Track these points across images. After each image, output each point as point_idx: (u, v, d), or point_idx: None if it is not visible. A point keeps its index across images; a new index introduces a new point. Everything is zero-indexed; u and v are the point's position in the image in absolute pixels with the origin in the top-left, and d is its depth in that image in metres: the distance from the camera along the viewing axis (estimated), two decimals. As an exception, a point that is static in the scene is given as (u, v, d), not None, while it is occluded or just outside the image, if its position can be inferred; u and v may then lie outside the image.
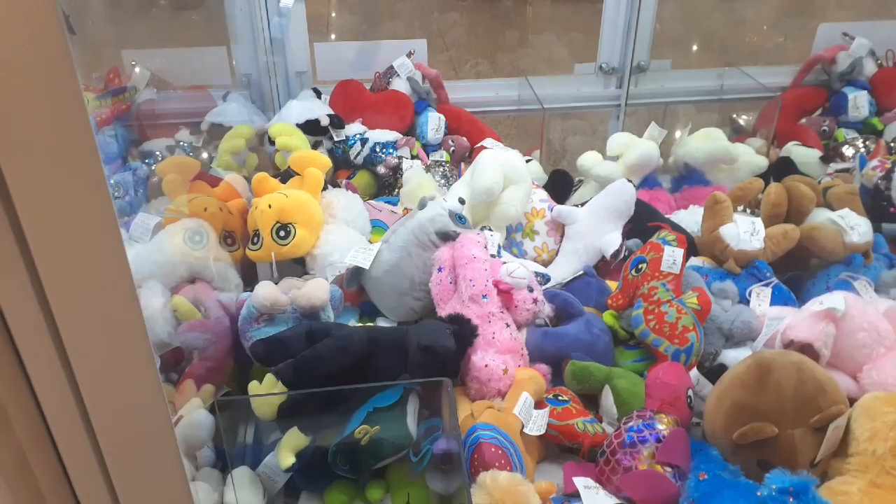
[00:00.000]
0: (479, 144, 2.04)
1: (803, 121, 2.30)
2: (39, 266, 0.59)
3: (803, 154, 2.09)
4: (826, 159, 2.09)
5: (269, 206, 1.49)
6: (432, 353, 1.15)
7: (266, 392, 1.18)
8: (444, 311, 1.35)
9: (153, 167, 1.79)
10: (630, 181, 1.68)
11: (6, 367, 0.62)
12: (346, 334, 1.19)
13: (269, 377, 1.19)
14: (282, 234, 1.49)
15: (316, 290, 1.34)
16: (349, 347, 1.16)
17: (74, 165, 0.57)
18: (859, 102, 2.22)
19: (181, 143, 1.94)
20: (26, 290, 0.60)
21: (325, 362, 1.16)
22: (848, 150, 2.12)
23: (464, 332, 1.21)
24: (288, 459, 1.15)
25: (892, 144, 2.07)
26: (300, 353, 1.17)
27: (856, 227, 1.52)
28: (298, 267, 1.58)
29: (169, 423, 0.71)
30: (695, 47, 2.72)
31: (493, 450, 1.10)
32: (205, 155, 1.94)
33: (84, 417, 0.67)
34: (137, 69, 2.05)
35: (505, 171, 1.63)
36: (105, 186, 0.59)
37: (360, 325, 1.42)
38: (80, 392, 0.65)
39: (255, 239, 1.51)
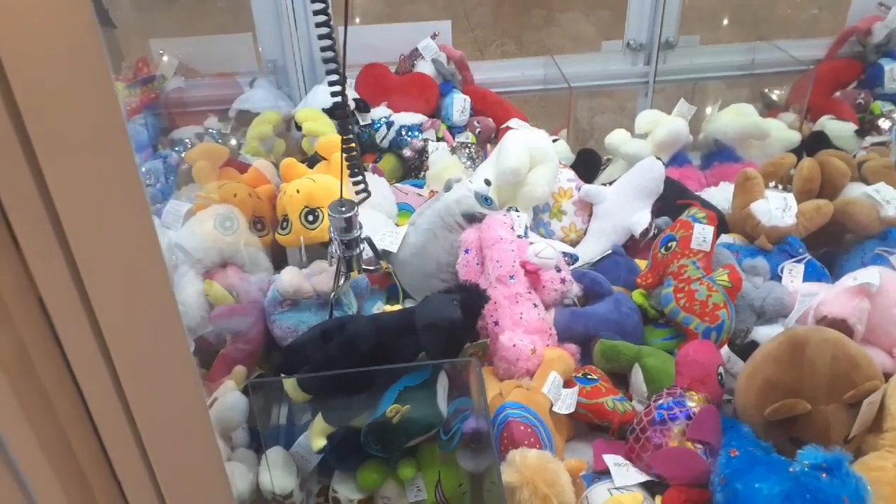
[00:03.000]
0: (504, 125, 2.03)
1: (838, 94, 2.25)
2: (77, 256, 0.61)
3: (838, 128, 2.05)
4: (861, 133, 2.05)
5: (298, 192, 1.50)
6: (437, 328, 1.15)
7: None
8: (471, 292, 1.35)
9: (183, 155, 1.82)
10: (659, 159, 1.66)
11: (50, 356, 0.64)
12: (352, 331, 1.20)
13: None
14: (310, 218, 1.50)
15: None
16: (357, 343, 1.18)
17: (108, 156, 0.58)
18: (896, 74, 2.16)
19: (210, 131, 1.96)
20: (65, 279, 0.61)
21: (339, 362, 1.17)
22: (884, 123, 2.07)
23: (471, 298, 1.20)
24: (319, 442, 1.17)
25: (930, 116, 2.01)
26: (313, 360, 1.19)
27: (892, 201, 1.49)
28: (327, 250, 1.59)
29: (203, 405, 0.73)
30: (724, 22, 2.67)
31: (522, 428, 1.11)
32: (233, 141, 1.96)
33: (122, 401, 0.69)
34: (165, 58, 2.07)
35: (531, 151, 1.62)
36: (137, 175, 0.60)
37: (380, 311, 1.43)
38: (119, 377, 0.67)
39: (285, 224, 1.53)
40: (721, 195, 1.74)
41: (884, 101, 2.15)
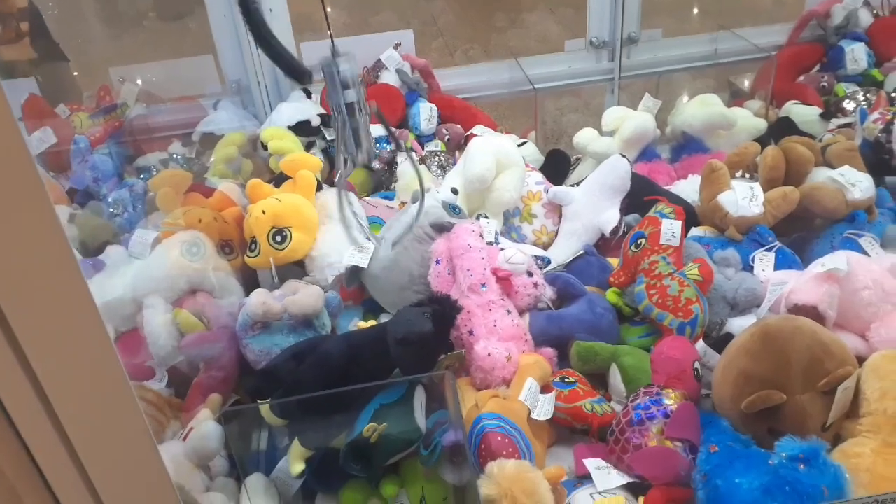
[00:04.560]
0: (469, 132, 2.02)
1: (801, 78, 2.26)
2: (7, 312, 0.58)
3: (803, 113, 2.06)
4: (827, 115, 2.06)
5: (264, 213, 1.49)
6: (409, 342, 1.14)
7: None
8: (444, 302, 1.34)
9: (148, 182, 1.80)
10: (625, 156, 1.67)
11: None
12: (322, 352, 1.20)
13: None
14: (278, 238, 1.49)
15: (308, 298, 1.35)
16: (328, 363, 1.17)
17: (26, 209, 0.56)
18: (857, 55, 2.18)
19: (174, 156, 1.94)
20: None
21: (312, 383, 1.16)
22: (849, 105, 2.07)
23: (444, 309, 1.20)
24: (298, 466, 1.16)
25: (893, 95, 2.02)
26: (286, 383, 1.18)
27: (857, 184, 1.50)
28: (299, 270, 1.58)
29: (155, 450, 0.71)
30: (686, 13, 2.68)
31: (499, 439, 1.10)
32: (199, 165, 1.94)
33: (70, 451, 0.67)
34: (126, 85, 2.06)
35: (497, 156, 1.62)
36: (58, 223, 0.58)
37: (356, 327, 1.42)
38: (65, 430, 0.65)
39: (253, 246, 1.51)
40: (691, 188, 1.74)
41: (847, 83, 2.17)
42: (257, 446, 1.32)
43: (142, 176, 1.86)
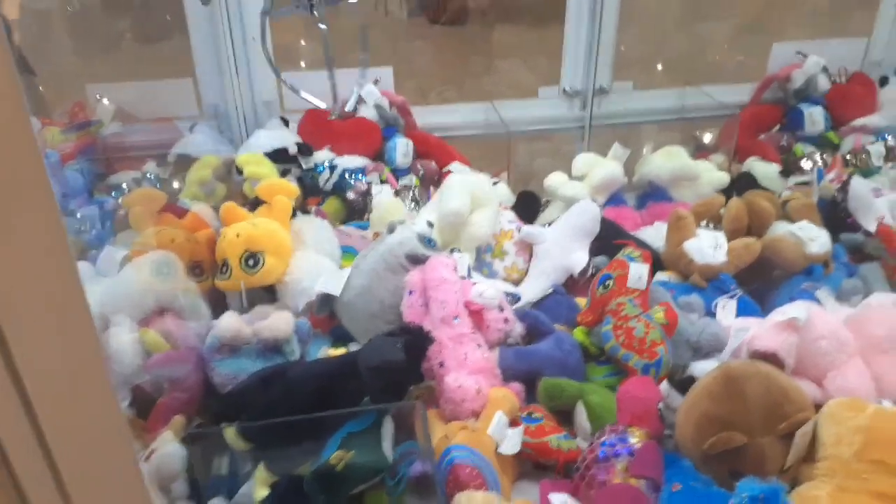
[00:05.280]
0: (445, 168, 2.06)
1: (762, 137, 2.36)
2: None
3: (763, 169, 2.15)
4: (786, 173, 2.15)
5: (238, 235, 1.49)
6: (382, 371, 1.15)
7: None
8: (415, 334, 1.35)
9: (120, 200, 1.78)
10: (595, 200, 1.71)
11: None
12: (294, 376, 1.19)
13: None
14: (251, 262, 1.49)
15: (278, 323, 1.35)
16: (300, 388, 1.17)
17: (30, 210, 0.57)
18: (815, 117, 2.29)
19: (148, 176, 1.93)
20: None
21: (281, 408, 1.16)
22: (806, 164, 2.17)
23: (416, 340, 1.21)
24: (262, 492, 1.14)
25: (847, 157, 2.13)
26: (253, 408, 1.17)
27: (815, 239, 1.56)
28: (269, 295, 1.57)
29: (135, 461, 0.70)
30: (657, 68, 2.79)
31: (467, 471, 1.11)
32: (172, 186, 1.93)
33: (47, 455, 0.66)
34: (103, 102, 2.05)
35: (472, 193, 1.65)
36: (61, 225, 0.58)
37: (325, 355, 1.41)
38: (42, 431, 0.64)
39: (224, 268, 1.51)
40: (656, 234, 1.79)
41: (805, 144, 2.27)
42: (219, 471, 1.30)
43: (113, 194, 1.85)
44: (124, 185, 1.89)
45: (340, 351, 1.42)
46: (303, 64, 2.61)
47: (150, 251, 1.47)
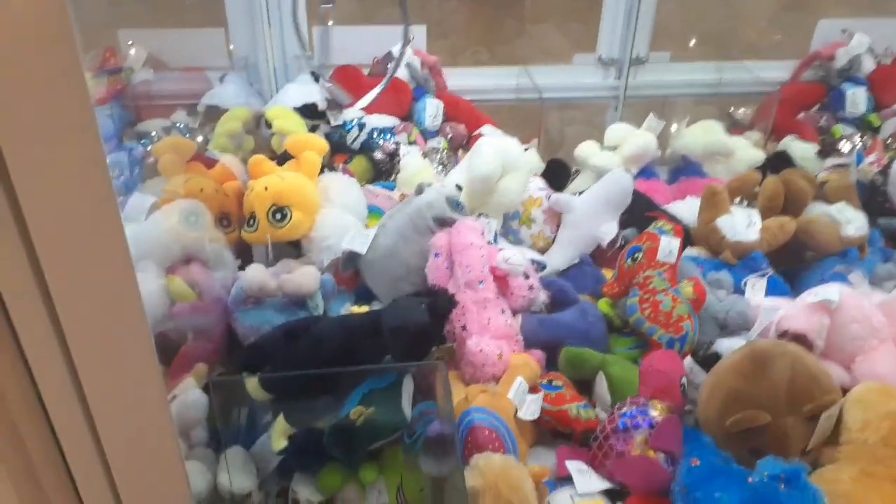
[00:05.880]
0: (476, 132, 2.03)
1: (801, 116, 2.31)
2: (38, 246, 0.58)
3: (801, 148, 2.10)
4: (823, 154, 2.10)
5: (266, 189, 1.48)
6: (404, 331, 1.14)
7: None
8: (439, 296, 1.35)
9: (149, 148, 1.78)
10: (629, 171, 1.68)
11: (4, 349, 0.61)
12: (318, 331, 1.19)
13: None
14: (278, 216, 1.48)
15: (304, 277, 1.35)
16: (323, 343, 1.16)
17: (74, 145, 0.56)
18: (857, 99, 2.23)
19: (177, 125, 1.92)
20: (24, 271, 0.59)
21: (303, 362, 1.16)
22: (845, 146, 2.12)
23: (439, 302, 1.20)
24: (280, 442, 1.15)
25: (888, 141, 2.07)
26: (275, 360, 1.17)
27: (852, 221, 1.53)
28: (294, 250, 1.57)
29: (165, 401, 0.71)
30: (694, 41, 2.72)
31: (486, 433, 1.11)
32: (201, 137, 1.93)
33: (80, 394, 0.66)
34: (134, 49, 2.03)
35: (503, 158, 1.63)
36: (105, 165, 0.58)
37: (348, 312, 1.41)
38: (77, 369, 0.65)
39: (251, 221, 1.50)
40: (687, 209, 1.77)
41: (845, 125, 2.21)
42: (237, 420, 1.31)
43: (142, 141, 1.84)
44: (153, 133, 1.88)
45: (363, 309, 1.41)
46: (331, 22, 2.57)
47: (179, 199, 1.46)
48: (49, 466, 0.69)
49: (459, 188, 1.55)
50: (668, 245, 1.39)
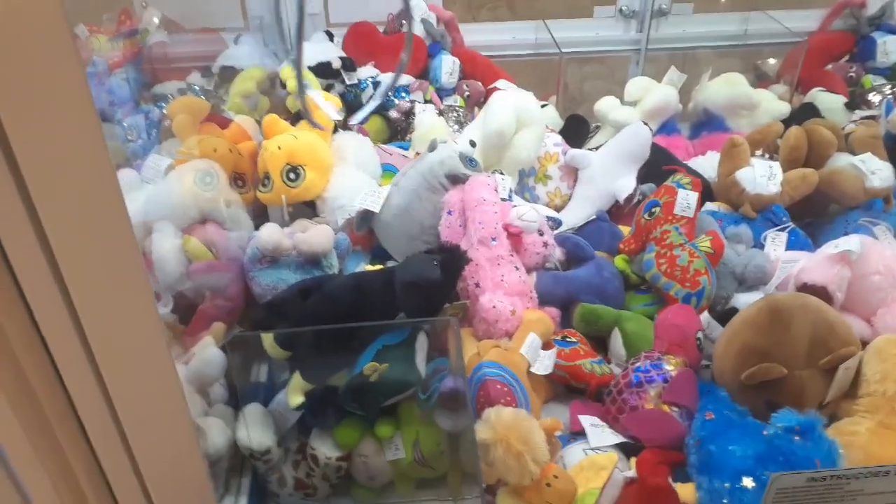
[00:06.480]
0: (491, 86, 2.00)
1: (829, 67, 2.23)
2: (41, 212, 0.59)
3: (828, 100, 2.03)
4: (851, 106, 2.03)
5: (279, 148, 1.48)
6: (416, 287, 1.14)
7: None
8: (452, 253, 1.34)
9: (165, 110, 1.78)
10: (647, 124, 1.65)
11: (16, 314, 0.62)
12: (331, 288, 1.19)
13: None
14: (292, 176, 1.48)
15: (319, 237, 1.35)
16: (336, 300, 1.17)
17: (69, 110, 0.57)
18: (889, 47, 2.15)
19: (193, 86, 1.92)
20: (28, 235, 0.59)
21: (317, 319, 1.16)
22: (875, 97, 2.05)
23: (452, 259, 1.19)
24: (297, 399, 1.17)
25: (920, 91, 2.00)
26: (291, 318, 1.18)
27: (877, 172, 1.49)
28: (309, 210, 1.57)
29: (170, 360, 0.72)
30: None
31: (498, 387, 1.11)
32: (216, 97, 1.92)
33: (89, 355, 0.67)
34: (148, 10, 2.03)
35: (518, 113, 1.60)
36: (99, 129, 0.58)
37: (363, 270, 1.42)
38: (85, 332, 0.65)
39: (266, 181, 1.51)
40: (708, 164, 1.73)
41: (875, 75, 2.14)
42: (256, 378, 1.33)
43: (158, 104, 1.85)
44: (169, 95, 1.88)
45: (378, 268, 1.42)
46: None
47: (194, 160, 1.47)
48: (63, 423, 0.71)
49: (473, 144, 1.53)
50: (686, 198, 1.36)
